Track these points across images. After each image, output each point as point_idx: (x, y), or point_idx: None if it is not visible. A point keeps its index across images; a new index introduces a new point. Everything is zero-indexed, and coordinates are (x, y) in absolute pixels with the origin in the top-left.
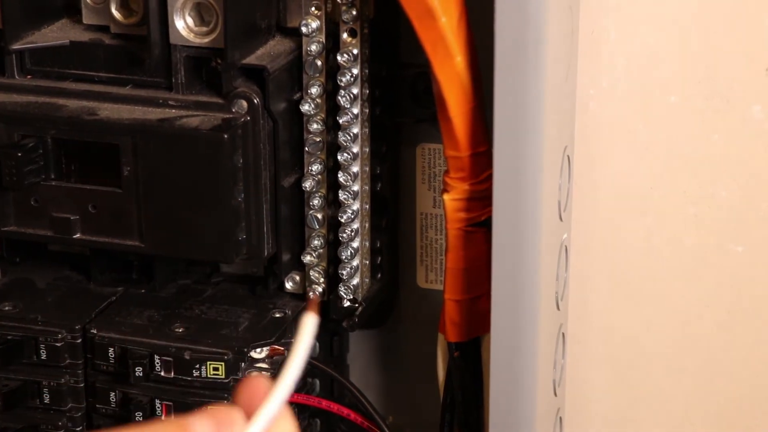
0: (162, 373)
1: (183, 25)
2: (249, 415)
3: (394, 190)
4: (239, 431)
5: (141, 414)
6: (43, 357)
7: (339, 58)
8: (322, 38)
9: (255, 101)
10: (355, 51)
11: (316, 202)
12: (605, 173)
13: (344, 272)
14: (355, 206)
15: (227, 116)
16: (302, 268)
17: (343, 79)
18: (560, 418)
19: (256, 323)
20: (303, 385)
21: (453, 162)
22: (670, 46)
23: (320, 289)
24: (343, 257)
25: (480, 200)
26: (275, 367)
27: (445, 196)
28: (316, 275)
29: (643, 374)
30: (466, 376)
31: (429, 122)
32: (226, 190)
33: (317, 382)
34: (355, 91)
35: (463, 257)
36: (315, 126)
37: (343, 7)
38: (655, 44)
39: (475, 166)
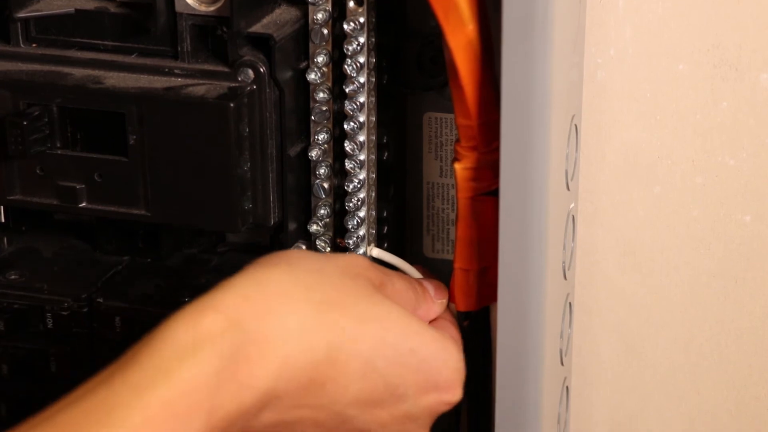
0: None
1: None
2: None
3: (401, 160)
4: None
5: None
6: (50, 326)
7: (345, 26)
8: (329, 6)
9: (261, 70)
10: (362, 19)
11: (322, 171)
12: (613, 142)
13: (350, 242)
14: (362, 175)
15: (233, 85)
16: (308, 238)
17: (350, 48)
18: (567, 388)
19: None
20: None
21: (464, 131)
22: (678, 14)
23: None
24: (350, 227)
25: (491, 169)
26: None
27: (456, 165)
28: (322, 244)
29: (651, 344)
30: (475, 345)
31: (436, 91)
32: (232, 159)
33: None
34: (362, 59)
35: (474, 226)
36: (321, 95)
37: None
38: (663, 12)
39: (486, 134)
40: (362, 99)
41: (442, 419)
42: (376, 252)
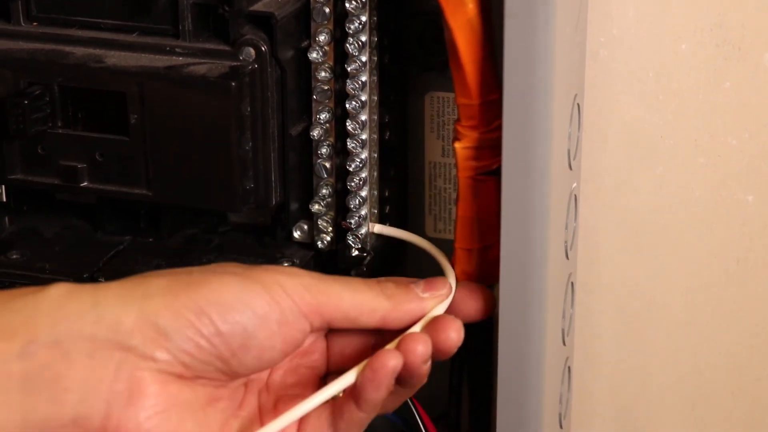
0: None
1: None
2: None
3: (403, 139)
4: None
5: None
6: None
7: (347, 5)
8: None
9: (262, 49)
10: None
11: (324, 150)
12: (615, 122)
13: (352, 221)
14: (364, 155)
15: (235, 64)
16: (310, 217)
17: (351, 27)
18: (569, 368)
19: None
20: None
21: (464, 110)
22: None
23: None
24: (351, 206)
25: (491, 149)
26: None
27: (456, 145)
28: (324, 224)
29: (652, 324)
30: (475, 325)
31: (437, 70)
32: (233, 138)
33: None
34: (364, 38)
35: (474, 206)
36: (323, 74)
37: None
38: None
39: (487, 114)
40: (364, 78)
41: (437, 399)
42: (377, 228)
